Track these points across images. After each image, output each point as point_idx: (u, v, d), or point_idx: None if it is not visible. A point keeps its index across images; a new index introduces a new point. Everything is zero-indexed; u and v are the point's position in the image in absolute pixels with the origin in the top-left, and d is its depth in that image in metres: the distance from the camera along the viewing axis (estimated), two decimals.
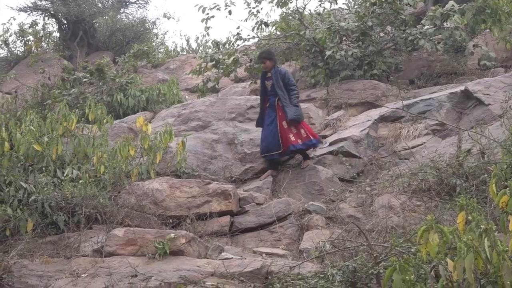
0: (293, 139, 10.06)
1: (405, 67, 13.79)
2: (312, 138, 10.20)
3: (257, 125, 10.77)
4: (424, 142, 10.06)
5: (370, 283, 5.91)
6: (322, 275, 6.00)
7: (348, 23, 13.37)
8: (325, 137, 11.12)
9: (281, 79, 10.35)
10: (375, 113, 11.26)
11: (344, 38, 13.75)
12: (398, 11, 13.38)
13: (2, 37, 20.72)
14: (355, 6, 16.33)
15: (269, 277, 6.93)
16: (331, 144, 10.55)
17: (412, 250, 5.63)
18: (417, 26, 13.25)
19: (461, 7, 12.96)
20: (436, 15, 13.03)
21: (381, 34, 13.69)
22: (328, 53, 12.93)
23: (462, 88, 10.99)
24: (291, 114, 10.10)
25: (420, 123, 10.51)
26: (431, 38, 12.86)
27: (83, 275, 7.36)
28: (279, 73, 10.46)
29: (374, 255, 5.91)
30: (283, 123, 10.18)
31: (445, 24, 13.10)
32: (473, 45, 13.50)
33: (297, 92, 10.50)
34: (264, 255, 8.02)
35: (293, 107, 10.18)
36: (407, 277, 4.73)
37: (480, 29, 13.92)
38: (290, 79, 10.53)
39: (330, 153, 10.30)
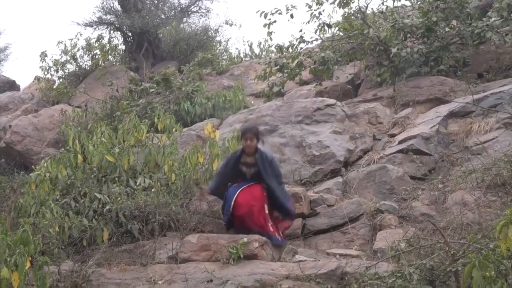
0: (271, 229, 8.10)
1: (473, 61, 13.50)
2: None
3: (212, 193, 8.81)
4: (496, 136, 9.85)
5: (449, 280, 5.83)
6: (399, 274, 5.94)
7: (412, 20, 13.24)
8: (393, 135, 10.99)
9: (269, 166, 8.29)
10: (444, 109, 11.09)
11: (408, 35, 13.59)
12: (463, 5, 13.15)
13: (70, 53, 21.12)
14: (418, 2, 16.12)
15: (344, 278, 6.90)
16: (400, 142, 10.42)
17: (491, 246, 5.52)
18: (483, 19, 12.98)
19: None
20: (502, 6, 12.71)
21: (446, 29, 13.48)
22: (393, 50, 12.81)
23: None
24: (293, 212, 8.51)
25: (491, 117, 10.31)
26: (498, 30, 12.57)
27: (159, 282, 7.46)
28: (266, 158, 8.30)
29: (452, 252, 5.82)
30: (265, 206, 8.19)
31: None
32: None
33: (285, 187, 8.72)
34: (337, 256, 7.99)
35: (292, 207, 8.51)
36: (487, 273, 4.65)
37: None
38: (278, 167, 8.59)
39: (400, 151, 10.17)
